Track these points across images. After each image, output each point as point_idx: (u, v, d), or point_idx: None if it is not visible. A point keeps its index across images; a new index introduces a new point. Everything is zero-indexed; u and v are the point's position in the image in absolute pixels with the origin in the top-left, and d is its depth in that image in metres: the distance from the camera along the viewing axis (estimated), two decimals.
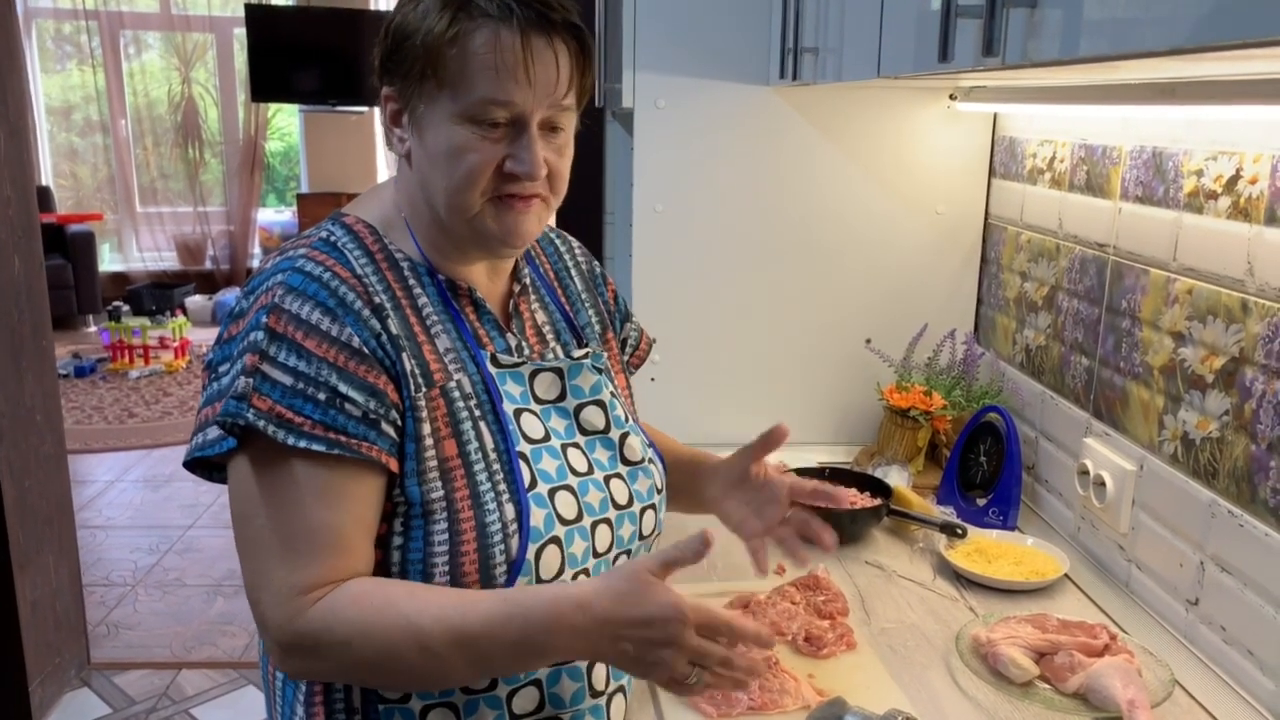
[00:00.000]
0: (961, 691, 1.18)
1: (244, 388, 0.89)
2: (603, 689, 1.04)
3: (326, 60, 6.41)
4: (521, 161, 0.95)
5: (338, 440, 0.89)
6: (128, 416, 5.16)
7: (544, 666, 0.97)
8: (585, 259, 1.23)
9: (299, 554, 0.89)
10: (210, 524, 3.89)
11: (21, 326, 2.59)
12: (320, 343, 0.91)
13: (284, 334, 0.91)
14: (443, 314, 1.00)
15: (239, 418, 0.89)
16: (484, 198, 0.96)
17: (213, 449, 0.92)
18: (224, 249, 7.62)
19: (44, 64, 7.29)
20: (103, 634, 3.07)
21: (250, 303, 0.95)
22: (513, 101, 0.93)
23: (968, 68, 0.94)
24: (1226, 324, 1.23)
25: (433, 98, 0.94)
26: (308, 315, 0.91)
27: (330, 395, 0.90)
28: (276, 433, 0.88)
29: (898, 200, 1.91)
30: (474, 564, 0.93)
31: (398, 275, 0.99)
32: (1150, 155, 1.39)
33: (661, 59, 1.83)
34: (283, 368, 0.90)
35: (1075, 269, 1.59)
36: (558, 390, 1.05)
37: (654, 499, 1.10)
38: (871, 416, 1.95)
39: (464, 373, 0.99)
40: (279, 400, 0.89)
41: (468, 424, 0.97)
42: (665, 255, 1.90)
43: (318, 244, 0.98)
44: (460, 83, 0.93)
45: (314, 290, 0.93)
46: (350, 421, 0.90)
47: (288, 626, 0.89)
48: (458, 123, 0.94)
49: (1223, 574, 1.23)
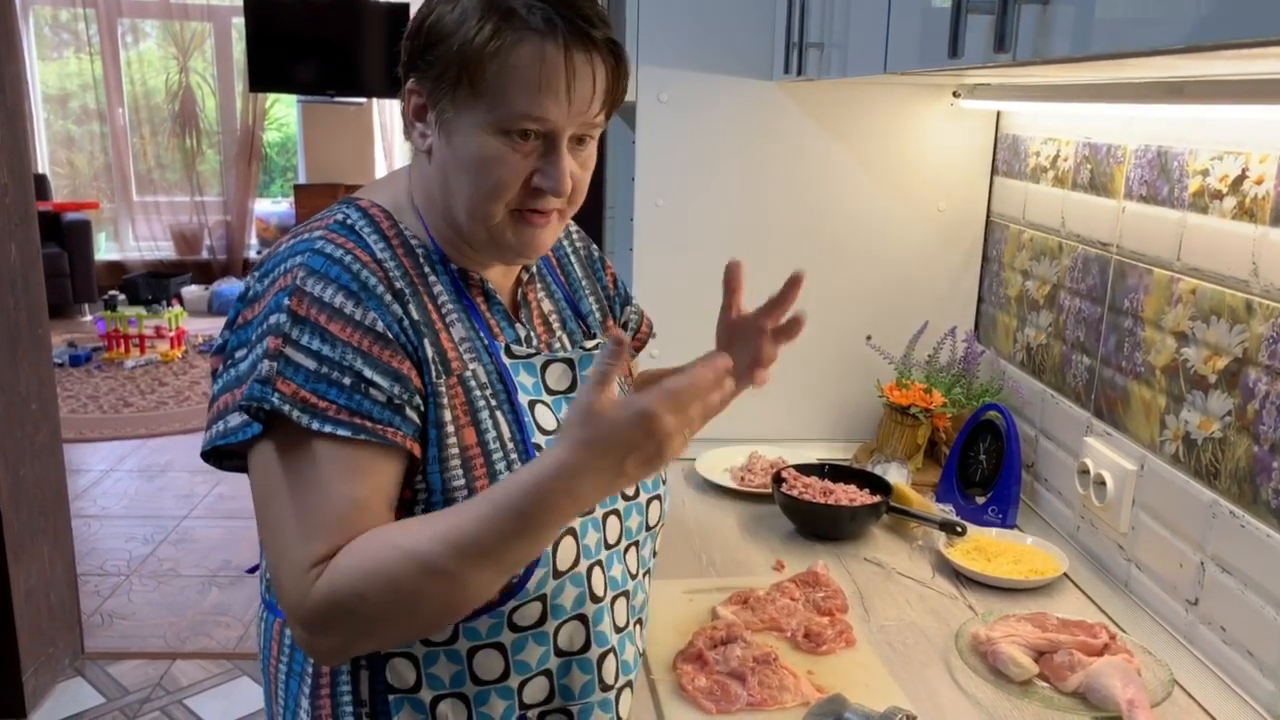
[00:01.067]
0: (960, 689, 1.18)
1: (268, 371, 0.88)
2: (612, 683, 1.03)
3: (325, 51, 6.38)
4: (549, 178, 0.94)
5: (363, 425, 0.89)
6: (123, 406, 5.15)
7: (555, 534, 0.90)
8: (583, 244, 1.22)
9: (321, 534, 0.88)
10: (205, 514, 3.88)
11: (17, 314, 2.58)
12: (344, 326, 0.90)
13: (307, 317, 0.89)
14: (456, 303, 1.00)
15: (264, 401, 0.88)
16: (507, 209, 0.95)
17: (235, 436, 0.91)
18: (220, 239, 7.59)
19: (41, 51, 7.25)
20: (97, 624, 3.06)
21: (267, 285, 0.93)
22: (548, 118, 0.92)
23: (978, 64, 0.94)
24: (1230, 324, 1.22)
25: (465, 104, 0.92)
26: (330, 298, 0.90)
27: (355, 380, 0.89)
28: (301, 417, 0.87)
29: (899, 197, 1.90)
30: None
31: (414, 262, 0.98)
32: (1155, 154, 1.39)
33: (665, 52, 1.82)
34: (306, 351, 0.89)
35: (1078, 268, 1.59)
36: (569, 381, 1.05)
37: (659, 489, 1.10)
38: (871, 413, 1.95)
39: (479, 363, 0.98)
40: (303, 384, 0.88)
41: (485, 413, 0.96)
42: (666, 250, 1.90)
43: (334, 226, 0.96)
44: (498, 95, 0.91)
45: (336, 273, 0.91)
46: (375, 406, 0.89)
47: (305, 604, 0.87)
48: (489, 133, 0.92)
49: (1223, 574, 1.23)
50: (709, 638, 1.21)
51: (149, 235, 7.54)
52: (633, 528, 1.05)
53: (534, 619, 0.96)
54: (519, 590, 0.94)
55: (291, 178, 7.63)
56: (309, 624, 0.88)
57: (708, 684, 1.14)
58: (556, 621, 0.97)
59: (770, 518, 1.63)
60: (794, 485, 1.62)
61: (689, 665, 1.17)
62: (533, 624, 0.96)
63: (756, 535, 1.59)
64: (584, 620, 0.99)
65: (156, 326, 6.01)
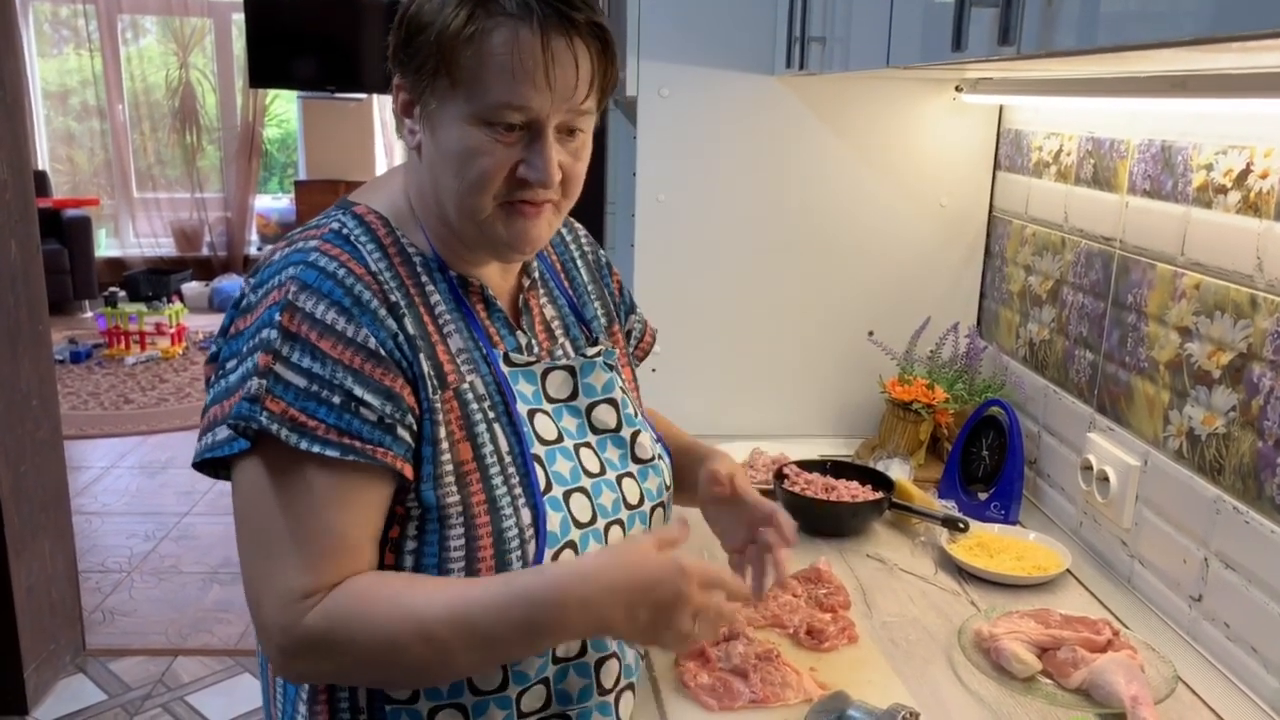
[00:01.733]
0: (964, 686, 1.17)
1: (257, 389, 0.87)
2: (611, 686, 1.02)
3: (325, 47, 6.36)
4: (535, 168, 0.92)
5: (351, 445, 0.87)
6: (124, 403, 5.14)
7: (551, 646, 0.94)
8: (591, 248, 1.20)
9: (306, 558, 0.87)
10: (206, 511, 3.88)
11: (18, 311, 2.57)
12: (335, 344, 0.88)
13: (298, 333, 0.88)
14: (455, 312, 0.98)
15: (252, 420, 0.86)
16: (495, 202, 0.93)
17: (223, 450, 0.90)
18: (221, 236, 7.58)
19: (40, 47, 7.24)
20: (98, 620, 3.06)
21: (260, 296, 0.92)
22: (529, 106, 0.90)
23: (981, 57, 0.93)
24: (1235, 319, 1.22)
25: (445, 95, 0.91)
26: (322, 315, 0.89)
27: (345, 399, 0.87)
28: (290, 436, 0.86)
29: (901, 192, 1.90)
30: (490, 570, 0.92)
31: (410, 271, 0.96)
32: (1159, 149, 1.38)
33: (666, 47, 1.81)
34: (296, 369, 0.87)
35: (1080, 263, 1.58)
36: (570, 389, 1.03)
37: (664, 496, 1.09)
38: (873, 409, 1.94)
39: (476, 374, 0.96)
40: (292, 403, 0.86)
41: (482, 426, 0.95)
42: (667, 246, 1.89)
43: (329, 236, 0.95)
44: (475, 84, 0.89)
45: (329, 288, 0.90)
46: (365, 426, 0.88)
47: (291, 631, 0.86)
48: (471, 124, 0.90)
49: (1227, 570, 1.23)
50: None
51: (149, 232, 7.53)
52: (637, 537, 1.04)
53: None
54: None
55: (292, 174, 7.61)
56: (290, 650, 0.88)
57: (710, 681, 1.13)
58: None
59: None
60: (796, 481, 1.62)
61: (691, 662, 1.16)
62: None
63: None
64: None
65: (157, 323, 6.00)
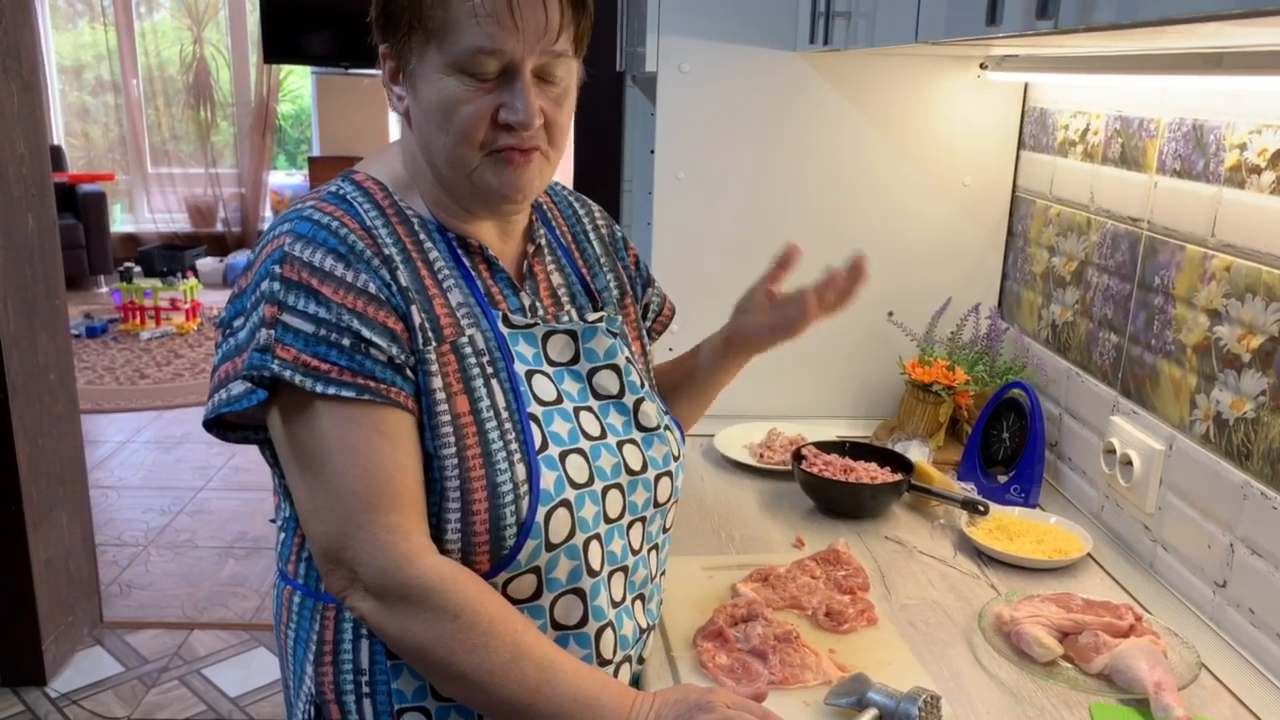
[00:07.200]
0: (984, 669, 1.16)
1: (266, 339, 0.88)
2: (611, 657, 1.03)
3: (339, 22, 6.33)
4: (515, 110, 0.92)
5: (366, 385, 0.89)
6: (139, 378, 5.17)
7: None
8: (606, 223, 1.20)
9: (378, 496, 0.89)
10: (222, 486, 3.90)
11: (35, 285, 2.58)
12: (336, 289, 0.90)
13: (299, 281, 0.89)
14: (454, 270, 0.99)
15: (264, 369, 0.88)
16: (482, 151, 0.94)
17: (240, 404, 0.91)
18: (235, 211, 7.59)
19: (55, 21, 7.23)
20: (115, 593, 3.09)
21: (257, 253, 0.94)
22: (501, 49, 0.90)
23: (1017, 32, 0.91)
24: (1266, 302, 1.20)
25: (423, 51, 0.92)
26: (320, 261, 0.90)
27: (354, 340, 0.89)
28: (304, 381, 0.87)
29: (924, 171, 1.87)
30: (484, 523, 0.93)
31: (408, 230, 0.98)
32: (1190, 128, 1.35)
33: (686, 22, 1.79)
34: (302, 315, 0.89)
35: (1106, 244, 1.56)
36: (571, 353, 1.04)
37: (670, 465, 1.08)
38: (892, 390, 1.93)
39: (477, 329, 0.97)
40: (303, 349, 0.88)
41: (479, 380, 0.96)
42: (686, 224, 1.88)
43: (326, 196, 0.97)
44: (446, 33, 0.90)
45: (323, 238, 0.92)
46: (377, 366, 0.90)
47: (397, 573, 0.88)
48: (448, 74, 0.91)
49: (1253, 556, 1.21)
50: (729, 615, 1.20)
51: (164, 207, 7.54)
52: (638, 503, 1.04)
53: (529, 591, 0.96)
54: (510, 561, 0.94)
55: (306, 150, 7.60)
56: (395, 593, 0.89)
57: (729, 662, 1.13)
58: (552, 594, 0.97)
59: (790, 495, 1.62)
60: (814, 463, 1.61)
61: (709, 643, 1.16)
62: (528, 597, 0.97)
63: (776, 512, 1.57)
64: (580, 594, 0.99)
65: (172, 298, 6.02)
